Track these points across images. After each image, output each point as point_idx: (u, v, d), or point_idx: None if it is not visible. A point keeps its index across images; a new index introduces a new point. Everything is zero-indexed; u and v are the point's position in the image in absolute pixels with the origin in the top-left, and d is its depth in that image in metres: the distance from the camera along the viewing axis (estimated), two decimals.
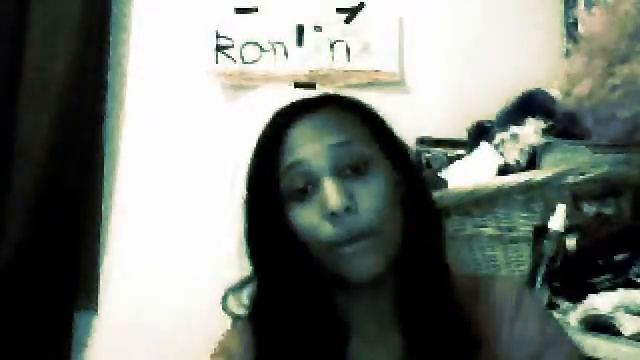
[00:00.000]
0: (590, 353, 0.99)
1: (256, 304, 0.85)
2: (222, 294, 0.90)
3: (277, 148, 0.80)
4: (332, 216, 0.76)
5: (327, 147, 0.79)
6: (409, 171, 0.85)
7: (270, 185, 0.80)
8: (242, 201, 0.85)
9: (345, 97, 0.88)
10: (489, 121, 1.51)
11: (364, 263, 0.77)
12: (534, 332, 0.84)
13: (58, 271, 1.54)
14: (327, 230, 0.77)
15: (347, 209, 0.76)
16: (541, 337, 0.84)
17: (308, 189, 0.79)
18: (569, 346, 0.86)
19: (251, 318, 0.85)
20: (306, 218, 0.78)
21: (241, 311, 0.88)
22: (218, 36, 1.69)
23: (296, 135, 0.80)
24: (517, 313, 0.85)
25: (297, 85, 1.70)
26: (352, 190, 0.77)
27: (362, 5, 1.69)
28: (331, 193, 0.76)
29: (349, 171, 0.78)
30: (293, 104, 0.87)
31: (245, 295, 0.88)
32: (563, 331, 0.89)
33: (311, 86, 1.69)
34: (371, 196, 0.78)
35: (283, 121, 0.83)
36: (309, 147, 0.79)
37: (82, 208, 1.60)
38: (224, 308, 0.89)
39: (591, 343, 1.00)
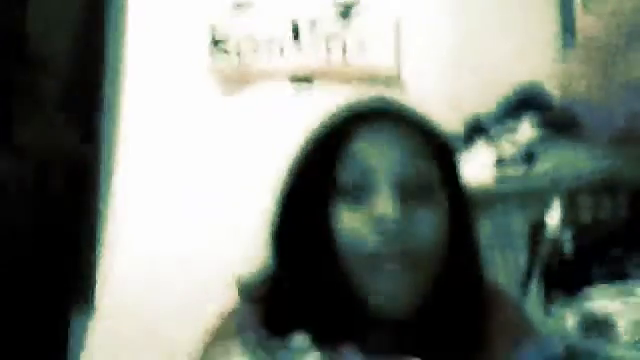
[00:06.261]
0: (588, 353, 1.00)
1: (272, 292, 0.79)
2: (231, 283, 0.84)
3: (339, 149, 0.74)
4: (381, 222, 0.70)
5: (396, 160, 0.73)
6: (463, 215, 0.78)
7: (322, 179, 0.74)
8: (280, 190, 0.79)
9: (416, 117, 0.80)
10: (485, 116, 1.51)
11: (397, 289, 0.71)
12: (536, 348, 0.83)
13: (57, 271, 1.54)
14: (374, 239, 0.71)
15: (399, 223, 0.70)
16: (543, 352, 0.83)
17: (362, 191, 0.73)
18: None
19: (264, 301, 0.79)
20: (353, 222, 0.72)
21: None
22: (214, 32, 1.68)
23: (365, 142, 0.74)
24: (517, 332, 0.81)
25: (294, 80, 1.69)
26: (412, 210, 0.72)
27: (358, 1, 1.68)
28: (387, 201, 0.71)
29: (413, 188, 0.73)
30: (357, 113, 0.79)
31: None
32: None
33: (308, 81, 1.68)
34: (430, 226, 0.73)
35: (346, 126, 0.76)
36: (378, 153, 0.74)
37: (81, 208, 1.59)
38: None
39: (589, 343, 1.01)
